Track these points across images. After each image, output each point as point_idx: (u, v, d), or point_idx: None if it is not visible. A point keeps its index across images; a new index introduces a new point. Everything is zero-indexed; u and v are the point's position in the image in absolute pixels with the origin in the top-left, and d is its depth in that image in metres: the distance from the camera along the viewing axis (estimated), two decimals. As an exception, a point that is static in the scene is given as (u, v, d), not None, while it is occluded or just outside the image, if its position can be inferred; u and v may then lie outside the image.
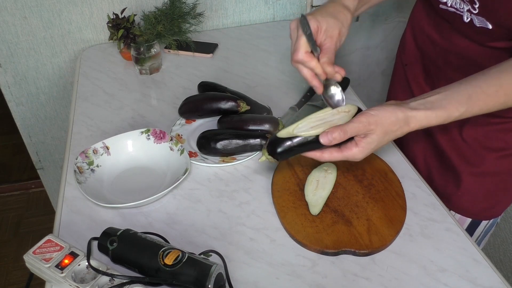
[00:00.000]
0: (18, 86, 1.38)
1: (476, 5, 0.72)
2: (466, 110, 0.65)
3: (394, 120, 0.63)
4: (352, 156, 0.66)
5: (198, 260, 0.64)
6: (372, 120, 0.63)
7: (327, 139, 0.63)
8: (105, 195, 0.82)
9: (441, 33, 0.86)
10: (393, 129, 0.64)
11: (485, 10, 0.71)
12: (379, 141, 0.64)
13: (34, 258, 0.65)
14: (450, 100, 0.65)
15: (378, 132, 0.63)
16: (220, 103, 0.94)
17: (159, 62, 1.20)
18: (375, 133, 0.63)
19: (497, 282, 0.69)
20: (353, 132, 0.63)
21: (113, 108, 1.06)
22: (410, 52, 0.98)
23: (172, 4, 1.26)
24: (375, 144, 0.65)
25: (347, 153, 0.65)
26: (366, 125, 0.63)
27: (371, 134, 0.64)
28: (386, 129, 0.63)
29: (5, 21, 1.25)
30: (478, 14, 0.73)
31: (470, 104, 0.64)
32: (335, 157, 0.66)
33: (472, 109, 0.65)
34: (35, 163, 1.57)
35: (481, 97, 0.65)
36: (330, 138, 0.63)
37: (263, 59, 1.25)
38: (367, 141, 0.64)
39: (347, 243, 0.72)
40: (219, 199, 0.82)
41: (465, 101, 0.64)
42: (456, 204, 0.95)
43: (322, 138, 0.64)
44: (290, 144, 0.66)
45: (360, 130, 0.63)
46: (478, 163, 0.90)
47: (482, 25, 0.73)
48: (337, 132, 0.63)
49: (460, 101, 0.64)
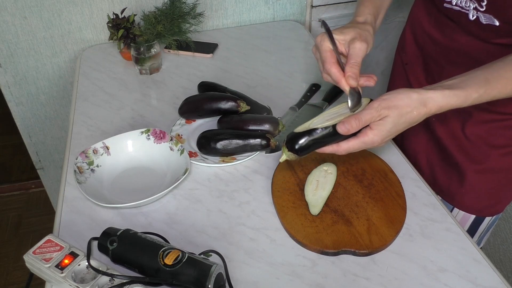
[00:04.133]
0: (18, 86, 1.38)
1: (483, 2, 0.72)
2: (484, 91, 0.64)
3: (408, 102, 0.63)
4: (371, 141, 0.65)
5: (198, 260, 0.64)
6: (384, 104, 0.63)
7: (344, 128, 0.64)
8: (105, 195, 0.82)
9: (442, 31, 0.86)
10: (407, 110, 0.63)
11: (493, 7, 0.71)
12: (394, 123, 0.64)
13: (34, 258, 0.65)
14: (468, 82, 0.64)
15: (393, 115, 0.63)
16: (220, 103, 0.94)
17: (159, 62, 1.20)
18: (389, 116, 0.63)
19: (497, 282, 0.69)
20: (367, 118, 0.64)
21: (113, 108, 1.06)
22: (410, 51, 0.98)
23: (172, 4, 1.26)
24: (390, 126, 0.64)
25: (364, 138, 0.65)
26: (379, 109, 0.63)
27: (385, 117, 0.64)
28: (401, 111, 0.63)
29: (5, 21, 1.25)
30: (485, 12, 0.73)
31: (488, 87, 0.64)
32: (352, 144, 0.66)
33: (491, 91, 0.64)
34: (35, 163, 1.57)
35: (499, 81, 0.65)
36: (348, 126, 0.64)
37: (263, 59, 1.25)
38: (381, 124, 0.64)
39: (347, 243, 0.72)
40: (219, 199, 0.82)
41: (483, 84, 0.64)
42: (460, 202, 0.95)
43: (340, 127, 0.65)
44: (309, 138, 0.68)
45: (374, 116, 0.64)
46: (482, 160, 0.90)
47: (489, 22, 0.73)
48: (353, 121, 0.64)
49: (479, 83, 0.64)
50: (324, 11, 1.53)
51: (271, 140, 0.88)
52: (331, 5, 1.52)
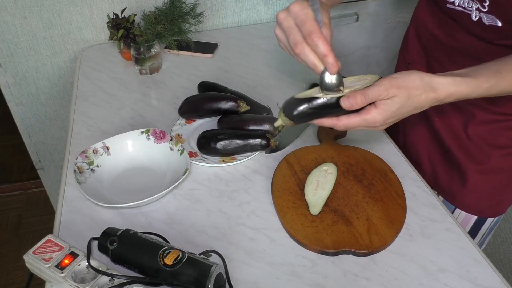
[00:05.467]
0: (18, 86, 1.38)
1: (486, 3, 0.71)
2: (496, 82, 0.63)
3: (419, 83, 0.60)
4: (372, 119, 0.61)
5: (198, 260, 0.64)
6: (394, 83, 0.59)
7: (348, 103, 0.59)
8: (105, 195, 0.82)
9: (446, 31, 0.86)
10: (416, 92, 0.60)
11: (496, 8, 0.71)
12: (401, 104, 0.60)
13: (34, 258, 0.65)
14: (480, 72, 0.63)
15: (401, 95, 0.60)
16: (220, 103, 0.94)
17: (159, 62, 1.20)
18: (397, 96, 0.60)
19: (497, 282, 0.69)
20: (374, 95, 0.59)
21: (113, 108, 1.06)
22: (413, 50, 0.98)
23: (172, 4, 1.26)
24: (397, 107, 0.60)
25: (366, 116, 0.61)
26: (388, 87, 0.59)
27: (393, 96, 0.60)
28: (410, 92, 0.60)
29: (5, 21, 1.25)
30: (487, 12, 0.72)
31: (499, 77, 0.63)
32: (353, 121, 0.61)
33: (502, 82, 0.63)
34: (35, 163, 1.57)
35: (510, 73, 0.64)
36: (352, 102, 0.59)
37: (263, 59, 1.25)
38: (387, 103, 0.60)
39: (347, 243, 0.72)
40: (219, 199, 0.82)
41: (494, 74, 0.63)
42: (462, 202, 0.95)
43: (343, 102, 0.59)
44: (308, 106, 0.62)
45: (381, 94, 0.59)
46: (484, 160, 0.90)
47: (492, 22, 0.73)
48: (359, 96, 0.59)
49: (490, 74, 0.63)
50: (324, 11, 1.53)
51: (271, 140, 0.88)
52: (331, 5, 1.52)
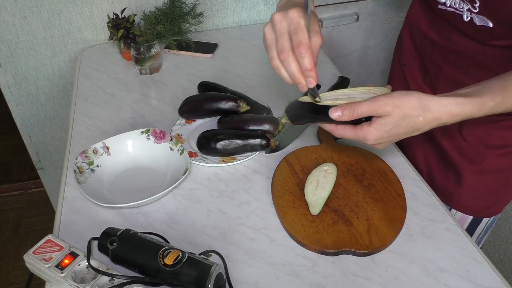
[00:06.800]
0: (18, 86, 1.38)
1: (476, 4, 0.72)
2: (501, 100, 0.60)
3: (416, 104, 0.58)
4: (363, 136, 0.61)
5: (198, 260, 0.64)
6: (390, 101, 0.58)
7: (335, 114, 0.60)
8: (105, 195, 0.82)
9: (439, 32, 0.86)
10: (413, 113, 0.58)
11: (486, 9, 0.71)
12: (395, 124, 0.59)
13: (34, 258, 0.65)
14: (484, 90, 0.60)
15: (395, 114, 0.58)
16: (220, 103, 0.94)
17: (159, 62, 1.20)
18: (391, 115, 0.58)
19: (497, 282, 0.69)
20: (364, 110, 0.59)
21: (113, 108, 1.06)
22: (407, 51, 0.98)
23: (172, 4, 1.26)
24: (390, 127, 0.59)
25: (359, 131, 0.61)
26: (382, 105, 0.58)
27: (387, 116, 0.59)
28: (405, 112, 0.58)
29: (5, 21, 1.25)
30: (478, 13, 0.73)
31: (505, 94, 0.60)
32: (347, 133, 0.63)
33: (508, 100, 0.61)
34: (35, 163, 1.57)
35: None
36: (339, 113, 0.60)
37: (263, 59, 1.25)
38: (381, 122, 0.59)
39: (347, 243, 0.72)
40: (219, 199, 0.82)
41: (500, 92, 0.60)
42: (458, 203, 0.95)
43: (331, 112, 0.61)
44: (307, 111, 0.66)
45: (375, 110, 0.59)
46: (479, 161, 0.90)
47: (483, 23, 0.73)
48: (347, 109, 0.59)
49: (495, 91, 0.60)
50: (324, 11, 1.53)
51: (271, 140, 0.88)
52: (331, 5, 1.53)
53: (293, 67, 0.61)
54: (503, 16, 0.70)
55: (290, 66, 0.61)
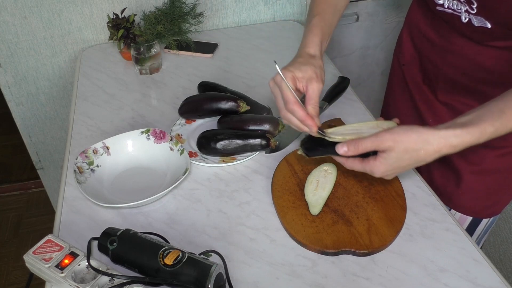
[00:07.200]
0: (18, 86, 1.38)
1: (474, 5, 0.72)
2: (501, 124, 0.61)
3: (416, 139, 0.61)
4: (370, 169, 0.66)
5: (198, 260, 0.65)
6: (391, 137, 0.62)
7: (342, 150, 0.66)
8: (105, 195, 0.82)
9: (438, 33, 0.86)
10: (414, 147, 0.62)
11: (484, 10, 0.71)
12: (398, 157, 0.63)
13: (34, 258, 0.65)
14: (482, 117, 0.61)
15: (397, 149, 0.62)
16: (220, 103, 0.94)
17: (159, 62, 1.20)
18: (393, 150, 0.62)
19: (497, 282, 0.69)
20: (368, 146, 0.64)
21: (113, 108, 1.06)
22: (407, 52, 0.98)
23: (172, 4, 1.26)
24: (393, 160, 0.63)
25: (366, 165, 0.66)
26: (384, 140, 0.62)
27: (389, 151, 0.63)
28: (406, 146, 0.62)
29: (5, 21, 1.25)
30: (476, 14, 0.73)
31: (504, 118, 0.61)
32: (356, 166, 0.68)
33: (508, 122, 0.61)
34: (35, 163, 1.57)
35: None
36: (345, 149, 0.66)
37: (263, 59, 1.25)
38: (384, 157, 0.64)
39: (347, 243, 0.72)
40: (219, 199, 0.82)
41: (498, 116, 0.61)
42: (457, 203, 0.95)
43: (337, 148, 0.67)
44: (320, 145, 0.72)
45: (378, 146, 0.63)
46: (478, 161, 0.90)
47: (481, 24, 0.73)
48: (352, 146, 0.65)
49: (493, 117, 0.61)
50: (324, 11, 1.53)
51: (271, 140, 0.88)
52: (331, 5, 1.52)
53: (293, 120, 0.72)
54: (501, 17, 0.70)
55: (290, 120, 0.72)
